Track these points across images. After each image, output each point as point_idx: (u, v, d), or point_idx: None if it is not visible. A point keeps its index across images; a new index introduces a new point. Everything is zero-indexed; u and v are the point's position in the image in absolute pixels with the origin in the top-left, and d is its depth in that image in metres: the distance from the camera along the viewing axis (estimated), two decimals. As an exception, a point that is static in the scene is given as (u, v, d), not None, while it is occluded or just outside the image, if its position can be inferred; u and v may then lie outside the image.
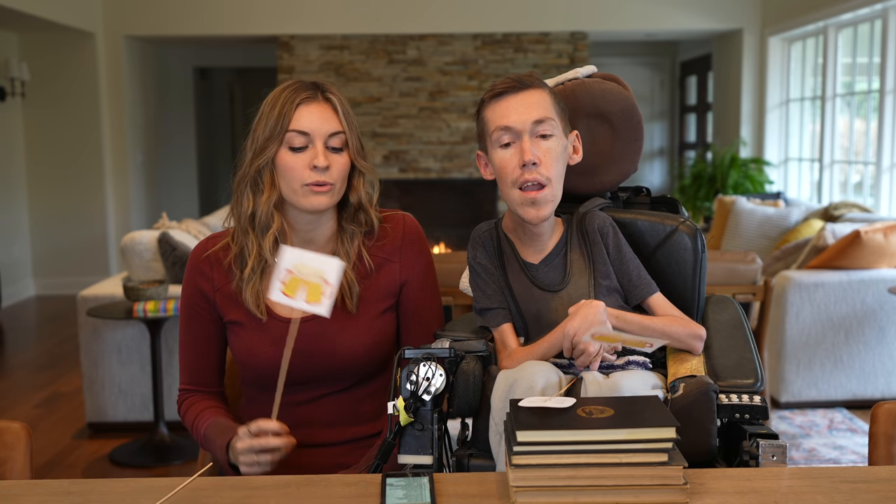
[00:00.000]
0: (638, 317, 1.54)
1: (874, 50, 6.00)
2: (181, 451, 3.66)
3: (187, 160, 9.25)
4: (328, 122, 1.57)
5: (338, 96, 1.60)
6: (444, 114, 7.69)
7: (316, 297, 1.38)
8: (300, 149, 1.56)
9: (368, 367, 1.65)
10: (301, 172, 1.55)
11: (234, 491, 1.24)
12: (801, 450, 3.61)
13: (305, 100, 1.57)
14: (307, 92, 1.58)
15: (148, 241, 3.93)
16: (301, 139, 1.55)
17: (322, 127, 1.56)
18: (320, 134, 1.56)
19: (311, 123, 1.56)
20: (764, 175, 7.19)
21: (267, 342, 1.60)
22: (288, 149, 1.56)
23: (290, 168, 1.56)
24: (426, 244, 1.70)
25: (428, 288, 1.70)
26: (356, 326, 1.62)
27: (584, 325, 1.42)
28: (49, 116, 7.31)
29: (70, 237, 7.42)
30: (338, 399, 1.65)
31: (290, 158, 1.56)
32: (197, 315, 1.66)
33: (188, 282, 1.67)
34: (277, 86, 1.63)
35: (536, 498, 1.14)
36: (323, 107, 1.58)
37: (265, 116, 1.58)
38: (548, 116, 1.55)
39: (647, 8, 7.41)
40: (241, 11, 7.36)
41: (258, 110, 1.61)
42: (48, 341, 5.93)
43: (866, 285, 4.05)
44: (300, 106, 1.56)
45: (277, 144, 1.56)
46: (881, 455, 1.43)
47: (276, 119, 1.56)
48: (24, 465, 1.43)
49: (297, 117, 1.56)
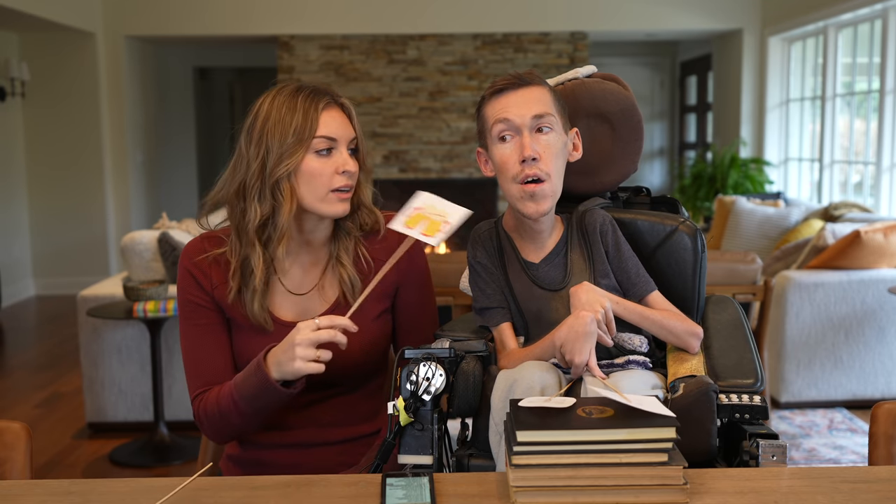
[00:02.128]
0: (637, 306, 1.54)
1: (874, 50, 6.00)
2: (181, 451, 3.66)
3: (187, 160, 9.25)
4: (347, 127, 1.58)
5: (347, 101, 1.61)
6: (444, 114, 7.69)
7: (432, 231, 1.43)
8: (325, 153, 1.55)
9: (365, 368, 1.65)
10: (330, 178, 1.54)
11: (234, 491, 1.24)
12: (801, 450, 3.60)
13: (328, 105, 1.56)
14: (326, 97, 1.57)
15: (148, 241, 3.93)
16: (326, 143, 1.54)
17: (345, 132, 1.57)
18: (344, 139, 1.56)
19: (337, 129, 1.55)
20: (764, 175, 7.19)
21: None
22: (314, 153, 1.54)
23: (318, 174, 1.54)
24: (421, 246, 1.69)
25: (423, 289, 1.70)
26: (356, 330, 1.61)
27: (570, 335, 1.42)
28: (49, 116, 7.31)
29: (70, 237, 7.42)
30: (336, 401, 1.65)
31: (318, 164, 1.54)
32: (198, 311, 1.61)
33: (184, 281, 1.62)
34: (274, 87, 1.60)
35: (536, 498, 1.14)
36: (341, 113, 1.58)
37: (281, 123, 1.53)
38: (547, 112, 1.55)
39: (647, 8, 7.41)
40: (241, 11, 7.36)
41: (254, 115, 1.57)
42: (48, 341, 5.93)
43: (866, 285, 4.05)
44: (324, 110, 1.55)
45: (304, 150, 1.53)
46: (881, 455, 1.43)
47: (301, 124, 1.53)
48: (24, 465, 1.43)
49: (323, 123, 1.54)
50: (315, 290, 1.64)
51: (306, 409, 1.64)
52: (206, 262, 1.61)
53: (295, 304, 1.63)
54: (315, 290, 1.64)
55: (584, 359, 1.41)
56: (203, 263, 1.61)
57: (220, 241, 1.63)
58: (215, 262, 1.61)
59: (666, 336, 1.55)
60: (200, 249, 1.62)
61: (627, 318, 1.52)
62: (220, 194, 1.59)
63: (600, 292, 1.50)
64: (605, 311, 1.46)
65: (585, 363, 1.42)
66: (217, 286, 1.60)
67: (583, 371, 1.43)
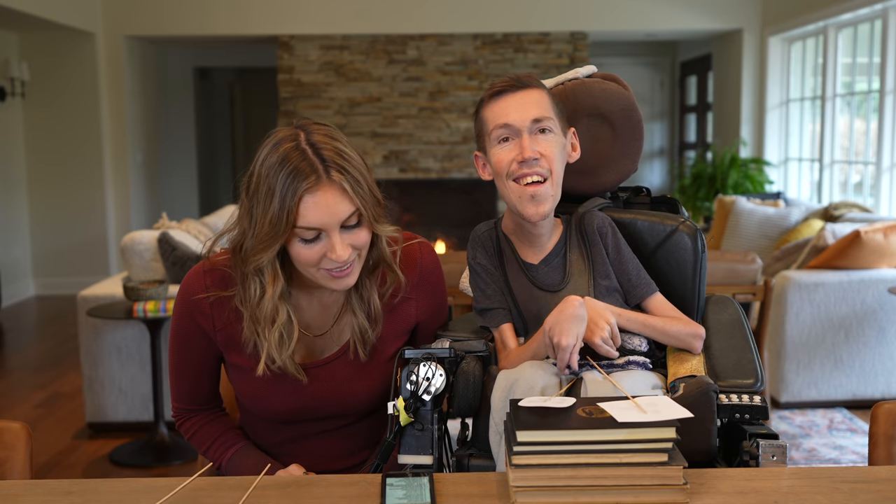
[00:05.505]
0: (639, 315, 1.54)
1: (874, 50, 6.00)
2: (181, 451, 3.66)
3: (187, 160, 9.25)
4: (339, 206, 1.35)
5: (344, 168, 1.36)
6: (444, 114, 7.68)
7: None
8: (313, 240, 1.37)
9: (379, 405, 1.58)
10: (318, 261, 1.39)
11: (234, 491, 1.24)
12: (801, 450, 3.60)
13: (309, 189, 1.33)
14: (310, 178, 1.34)
15: (148, 241, 3.93)
16: (312, 233, 1.36)
17: (333, 217, 1.36)
18: (333, 224, 1.36)
19: (320, 217, 1.35)
20: (764, 175, 7.19)
21: (285, 389, 1.52)
22: (299, 240, 1.38)
23: (303, 258, 1.39)
24: (442, 275, 1.62)
25: (441, 315, 1.65)
26: (369, 374, 1.55)
27: (559, 318, 1.42)
28: (49, 116, 7.31)
29: (70, 237, 7.42)
30: (345, 431, 1.60)
31: (303, 251, 1.38)
32: (193, 349, 1.54)
33: (183, 315, 1.51)
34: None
35: (536, 498, 1.14)
36: (331, 191, 1.35)
37: (263, 200, 1.35)
38: (546, 115, 1.55)
39: (647, 8, 7.41)
40: (240, 11, 7.36)
41: (249, 173, 1.40)
42: (48, 341, 5.93)
43: (866, 285, 4.05)
44: (304, 197, 1.34)
45: (282, 241, 1.37)
46: (881, 455, 1.43)
47: (276, 214, 1.34)
48: (24, 465, 1.43)
49: (302, 212, 1.34)
50: (331, 331, 1.55)
51: (314, 440, 1.59)
52: (207, 302, 1.49)
53: (307, 345, 1.55)
54: (330, 332, 1.55)
55: (570, 342, 1.39)
56: (204, 304, 1.50)
57: (224, 278, 1.49)
58: (219, 304, 1.49)
59: (669, 341, 1.55)
60: (202, 288, 1.49)
61: (630, 329, 1.52)
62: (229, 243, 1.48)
63: (602, 306, 1.49)
64: (610, 326, 1.46)
65: (571, 347, 1.39)
66: (221, 329, 1.51)
67: (567, 357, 1.40)
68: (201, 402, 1.62)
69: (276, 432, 1.60)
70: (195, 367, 1.57)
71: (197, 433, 1.61)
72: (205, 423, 1.62)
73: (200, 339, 1.53)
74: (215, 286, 1.49)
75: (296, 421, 1.57)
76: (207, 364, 1.58)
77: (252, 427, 1.63)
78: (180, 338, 1.54)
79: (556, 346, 1.41)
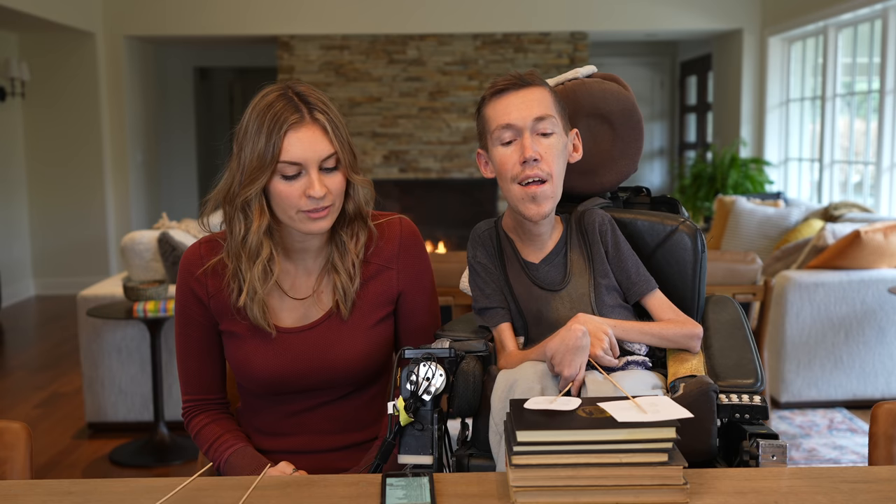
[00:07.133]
0: (635, 324, 1.54)
1: (874, 50, 6.00)
2: (181, 451, 3.66)
3: (187, 160, 9.25)
4: (319, 145, 1.48)
5: (326, 112, 1.50)
6: (444, 114, 7.69)
7: None
8: (293, 176, 1.48)
9: (365, 375, 1.63)
10: (297, 201, 1.49)
11: (234, 491, 1.24)
12: (801, 450, 3.60)
13: (293, 125, 1.47)
14: (294, 115, 1.47)
15: (148, 241, 3.93)
16: (293, 168, 1.47)
17: (314, 154, 1.48)
18: (313, 161, 1.48)
19: (302, 152, 1.47)
20: (764, 175, 7.19)
21: (271, 354, 1.58)
22: (280, 177, 1.48)
23: (284, 196, 1.49)
24: (423, 247, 1.67)
25: (426, 292, 1.67)
26: (352, 336, 1.60)
27: (561, 348, 1.42)
28: (49, 116, 7.31)
29: (70, 237, 7.42)
30: (335, 406, 1.64)
31: (284, 188, 1.48)
32: (193, 322, 1.62)
33: (181, 286, 1.62)
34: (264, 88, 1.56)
35: (536, 498, 1.14)
36: (312, 130, 1.48)
37: (251, 139, 1.48)
38: (548, 114, 1.55)
39: (647, 8, 7.41)
40: (240, 11, 7.36)
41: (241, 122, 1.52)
42: (48, 341, 5.93)
43: (866, 285, 4.05)
44: (288, 133, 1.46)
45: (268, 175, 1.48)
46: (881, 455, 1.43)
47: (263, 148, 1.46)
48: (24, 465, 1.43)
49: (286, 147, 1.46)
50: (313, 295, 1.62)
51: (306, 415, 1.63)
52: (201, 269, 1.59)
53: (293, 310, 1.61)
54: (313, 296, 1.61)
55: (574, 373, 1.41)
56: (199, 271, 1.59)
57: (218, 247, 1.60)
58: (213, 271, 1.59)
59: (667, 345, 1.55)
60: (198, 257, 1.61)
61: (628, 339, 1.52)
62: (217, 197, 1.57)
63: (599, 320, 1.50)
64: (609, 338, 1.47)
65: (573, 377, 1.41)
66: (214, 295, 1.59)
67: (568, 386, 1.42)
68: (206, 389, 1.66)
69: (271, 410, 1.64)
70: (197, 344, 1.63)
71: (201, 431, 1.64)
72: (209, 423, 1.64)
73: (197, 309, 1.61)
74: (210, 254, 1.60)
75: (285, 392, 1.61)
76: (208, 340, 1.63)
77: (251, 406, 1.67)
78: (181, 314, 1.63)
79: (559, 374, 1.43)
